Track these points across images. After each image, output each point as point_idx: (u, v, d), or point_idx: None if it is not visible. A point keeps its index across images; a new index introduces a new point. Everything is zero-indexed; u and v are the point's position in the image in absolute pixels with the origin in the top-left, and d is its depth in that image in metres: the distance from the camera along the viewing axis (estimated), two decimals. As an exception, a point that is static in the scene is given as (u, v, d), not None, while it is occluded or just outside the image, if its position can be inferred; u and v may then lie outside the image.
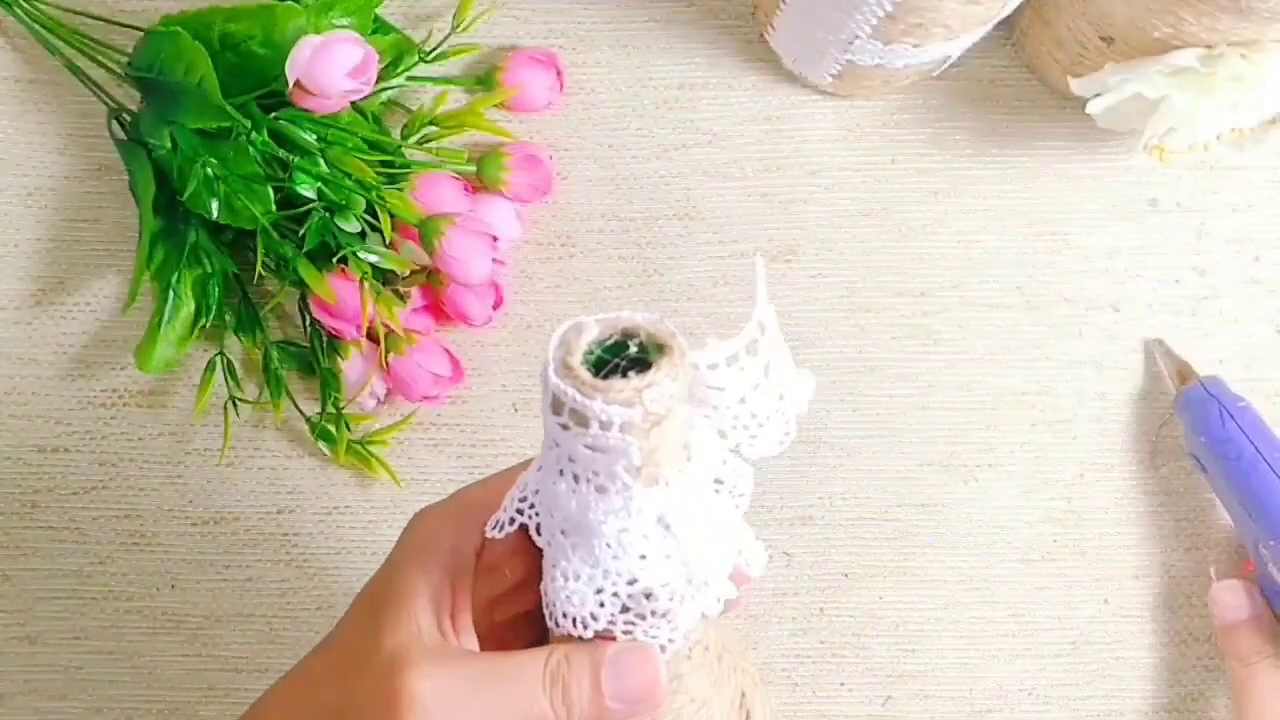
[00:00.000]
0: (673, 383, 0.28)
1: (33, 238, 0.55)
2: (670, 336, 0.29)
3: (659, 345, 0.29)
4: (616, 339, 0.29)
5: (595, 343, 0.29)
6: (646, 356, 0.29)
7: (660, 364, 0.28)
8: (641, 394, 0.28)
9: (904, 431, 0.54)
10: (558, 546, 0.31)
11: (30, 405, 0.54)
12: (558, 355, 0.28)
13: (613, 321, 0.29)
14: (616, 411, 0.27)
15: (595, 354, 0.29)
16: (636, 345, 0.29)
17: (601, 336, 0.29)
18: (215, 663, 0.53)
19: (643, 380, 0.28)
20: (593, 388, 0.28)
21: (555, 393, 0.28)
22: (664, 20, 0.56)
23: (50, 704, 0.53)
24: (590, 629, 0.32)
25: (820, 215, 0.55)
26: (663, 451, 0.29)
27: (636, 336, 0.29)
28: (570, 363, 0.28)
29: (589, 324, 0.29)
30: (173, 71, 0.49)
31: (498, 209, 0.53)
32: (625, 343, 0.29)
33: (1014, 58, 0.56)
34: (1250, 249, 0.55)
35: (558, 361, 0.28)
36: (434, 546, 0.35)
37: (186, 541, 0.54)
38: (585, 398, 0.27)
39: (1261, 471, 0.49)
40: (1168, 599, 0.54)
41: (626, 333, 0.29)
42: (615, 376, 0.28)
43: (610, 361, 0.29)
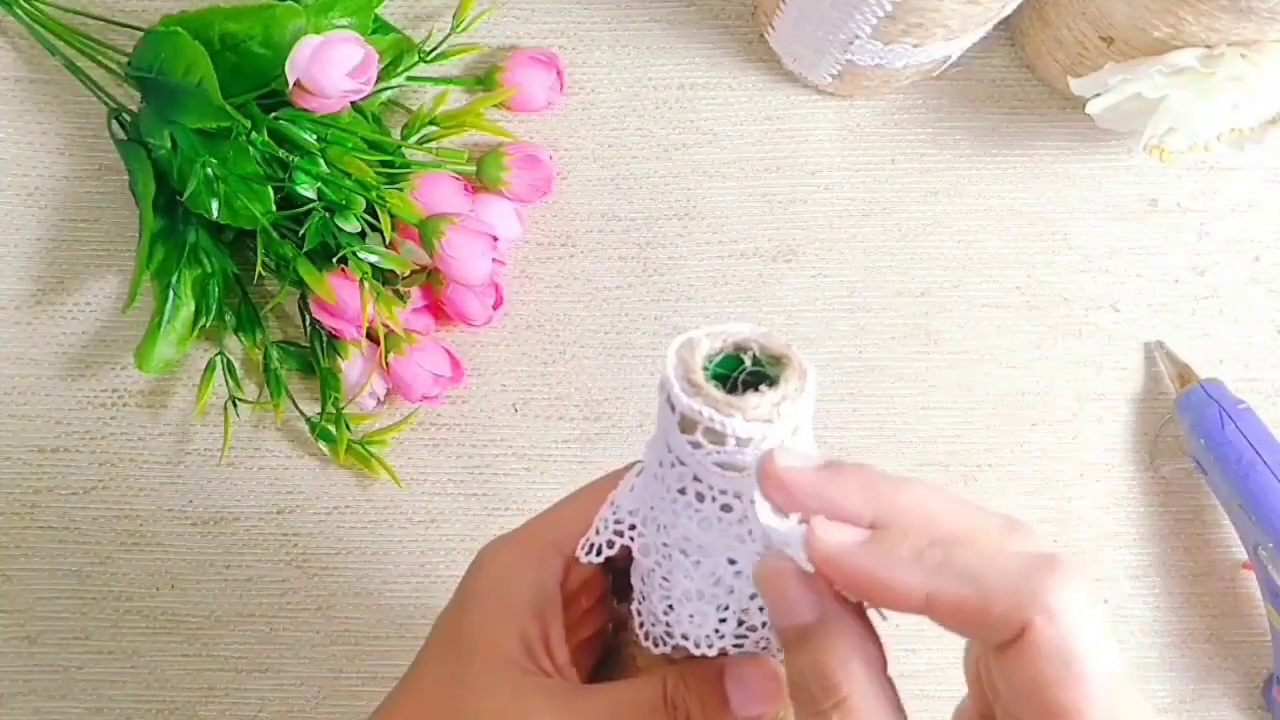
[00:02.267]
0: (800, 396, 0.28)
1: (33, 238, 0.55)
2: (786, 348, 0.28)
3: (774, 358, 0.28)
4: (729, 353, 0.29)
5: (708, 358, 0.28)
6: (763, 370, 0.28)
7: (787, 377, 0.28)
8: (779, 408, 0.27)
9: (904, 431, 0.54)
10: (676, 566, 0.30)
11: (30, 405, 0.54)
12: (680, 373, 0.28)
13: (723, 334, 0.28)
14: (757, 429, 0.27)
15: (711, 369, 0.28)
16: (751, 359, 0.28)
17: (713, 351, 0.28)
18: (215, 663, 0.53)
19: (777, 394, 0.27)
20: (729, 405, 0.27)
21: (687, 413, 0.27)
22: (664, 20, 0.56)
23: (50, 704, 0.53)
24: (715, 647, 0.31)
25: (820, 215, 0.55)
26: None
27: (749, 350, 0.28)
28: (696, 380, 0.27)
29: (700, 339, 0.28)
30: (173, 71, 0.49)
31: (498, 209, 0.53)
32: (739, 356, 0.29)
33: (1014, 58, 0.56)
34: (1250, 249, 0.55)
35: (682, 380, 0.28)
36: (515, 585, 0.33)
37: (186, 541, 0.54)
38: (724, 415, 0.27)
39: (1261, 474, 0.49)
40: (1168, 599, 0.54)
41: (739, 346, 0.28)
42: (737, 392, 0.28)
43: (728, 377, 0.28)
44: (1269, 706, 0.52)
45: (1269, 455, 0.49)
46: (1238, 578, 0.54)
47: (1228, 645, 0.54)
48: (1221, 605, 0.54)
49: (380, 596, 0.53)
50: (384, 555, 0.54)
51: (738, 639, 0.31)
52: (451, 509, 0.54)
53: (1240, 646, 0.54)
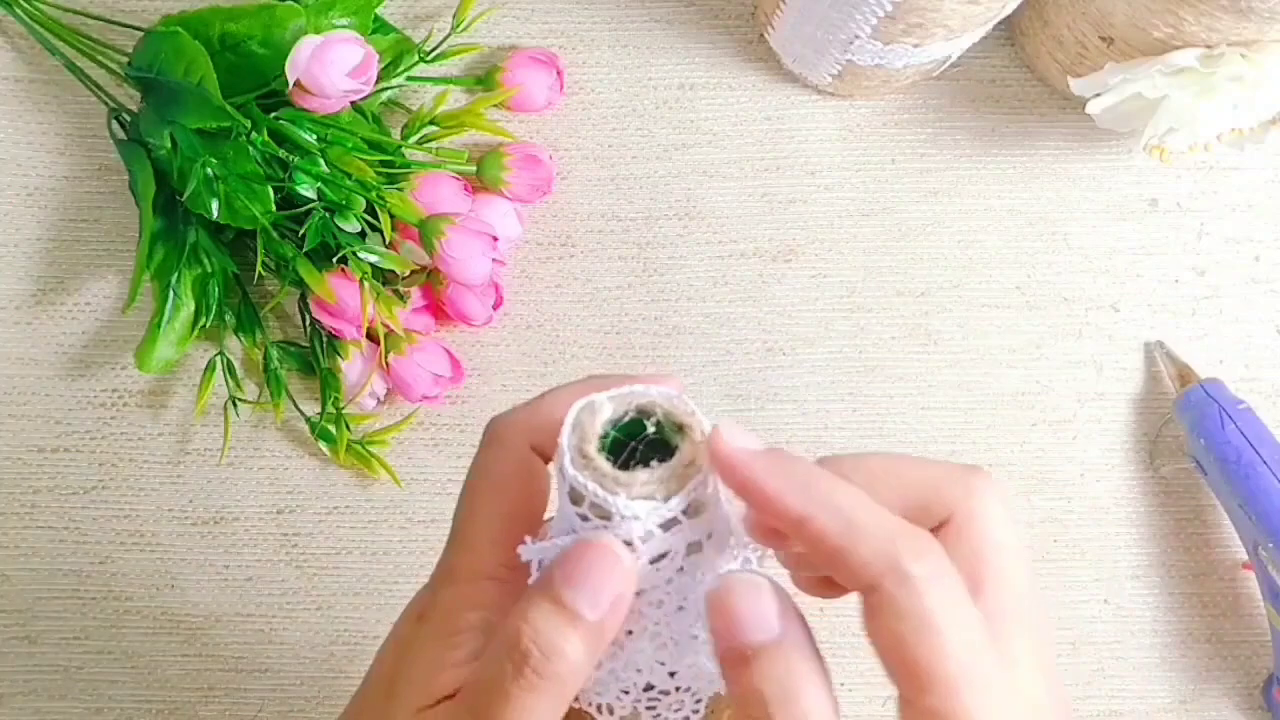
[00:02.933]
0: (695, 472, 0.26)
1: (33, 238, 0.55)
2: (688, 415, 0.27)
3: (677, 426, 0.27)
4: (632, 416, 0.27)
5: (609, 422, 0.27)
6: (663, 437, 0.27)
7: (685, 446, 0.26)
8: (667, 484, 0.26)
9: (904, 431, 0.54)
10: None
11: (30, 405, 0.54)
12: (573, 443, 0.26)
13: (627, 398, 0.27)
14: (641, 507, 0.26)
15: (611, 435, 0.27)
16: (654, 424, 0.27)
17: (616, 415, 0.27)
18: (215, 663, 0.53)
19: (666, 469, 0.26)
20: (615, 481, 0.26)
21: (574, 484, 0.26)
22: (664, 20, 0.56)
23: (50, 704, 0.53)
24: (616, 714, 0.29)
25: (820, 215, 0.55)
26: (685, 539, 0.27)
27: (653, 415, 0.27)
28: (587, 451, 0.26)
29: (603, 402, 0.27)
30: (173, 71, 0.49)
31: (498, 209, 0.53)
32: (641, 421, 0.27)
33: (1014, 58, 0.56)
34: (1250, 249, 0.55)
35: (574, 450, 0.26)
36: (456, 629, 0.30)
37: (186, 541, 0.54)
38: (608, 492, 0.26)
39: (1261, 474, 0.49)
40: (1168, 599, 0.54)
41: (641, 411, 0.27)
42: (635, 464, 0.27)
43: (627, 444, 0.27)
44: (1269, 706, 0.52)
45: (1269, 455, 0.49)
46: (1238, 578, 0.54)
47: (1228, 645, 0.54)
48: (1221, 605, 0.54)
49: (380, 596, 0.53)
50: (384, 555, 0.54)
51: (650, 702, 0.29)
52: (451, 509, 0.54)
53: (1240, 646, 0.54)
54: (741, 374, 0.54)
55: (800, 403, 0.54)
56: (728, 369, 0.55)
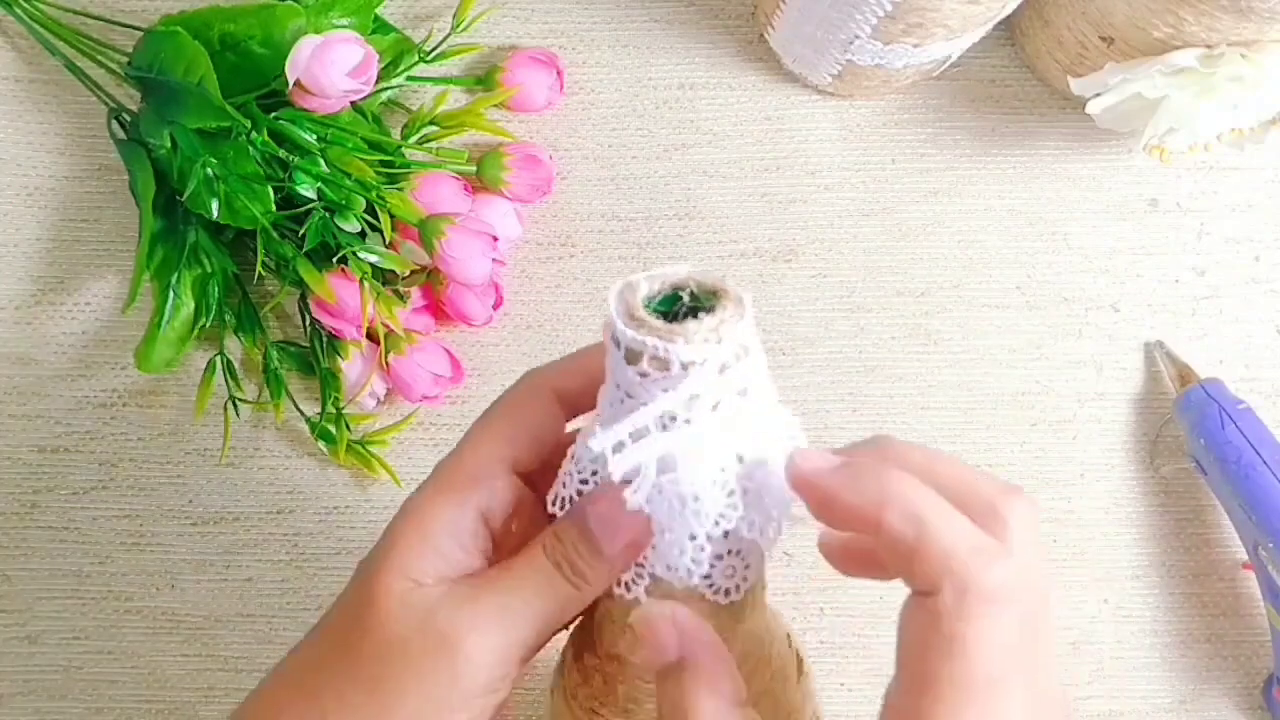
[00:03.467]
0: (740, 320, 0.29)
1: (33, 238, 0.55)
2: (720, 281, 0.30)
3: (710, 291, 0.30)
4: (666, 294, 0.30)
5: (646, 298, 0.30)
6: (700, 305, 0.30)
7: (724, 305, 0.29)
8: (718, 331, 0.29)
9: (904, 431, 0.54)
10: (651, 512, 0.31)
11: (30, 405, 0.54)
12: (621, 310, 0.29)
13: (660, 276, 0.30)
14: (699, 350, 0.28)
15: (652, 307, 0.30)
16: (689, 295, 0.30)
17: (651, 292, 0.30)
18: (215, 663, 0.53)
19: (715, 319, 0.29)
20: (670, 331, 0.28)
21: (632, 345, 0.29)
22: (664, 20, 0.56)
23: (50, 704, 0.53)
24: (695, 576, 0.31)
25: (820, 215, 0.55)
26: (735, 387, 0.30)
27: (686, 288, 0.30)
28: (639, 315, 0.29)
29: (639, 281, 0.30)
30: (173, 71, 0.49)
31: (498, 209, 0.53)
32: (677, 295, 0.30)
33: (1014, 58, 0.56)
34: (1250, 249, 0.55)
35: (624, 315, 0.29)
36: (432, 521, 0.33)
37: (186, 541, 0.54)
38: (666, 341, 0.28)
39: (1261, 474, 0.49)
40: (1168, 599, 0.54)
41: (675, 286, 0.30)
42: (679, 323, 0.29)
43: (668, 314, 0.30)
44: (1269, 706, 0.52)
45: (1269, 455, 0.49)
46: (1238, 578, 0.54)
47: (1228, 645, 0.54)
48: (1221, 605, 0.54)
49: (380, 596, 0.53)
50: (384, 555, 0.54)
51: (715, 559, 0.32)
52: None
53: (1240, 646, 0.54)
54: (741, 374, 0.54)
55: (800, 403, 0.54)
56: (728, 369, 0.54)
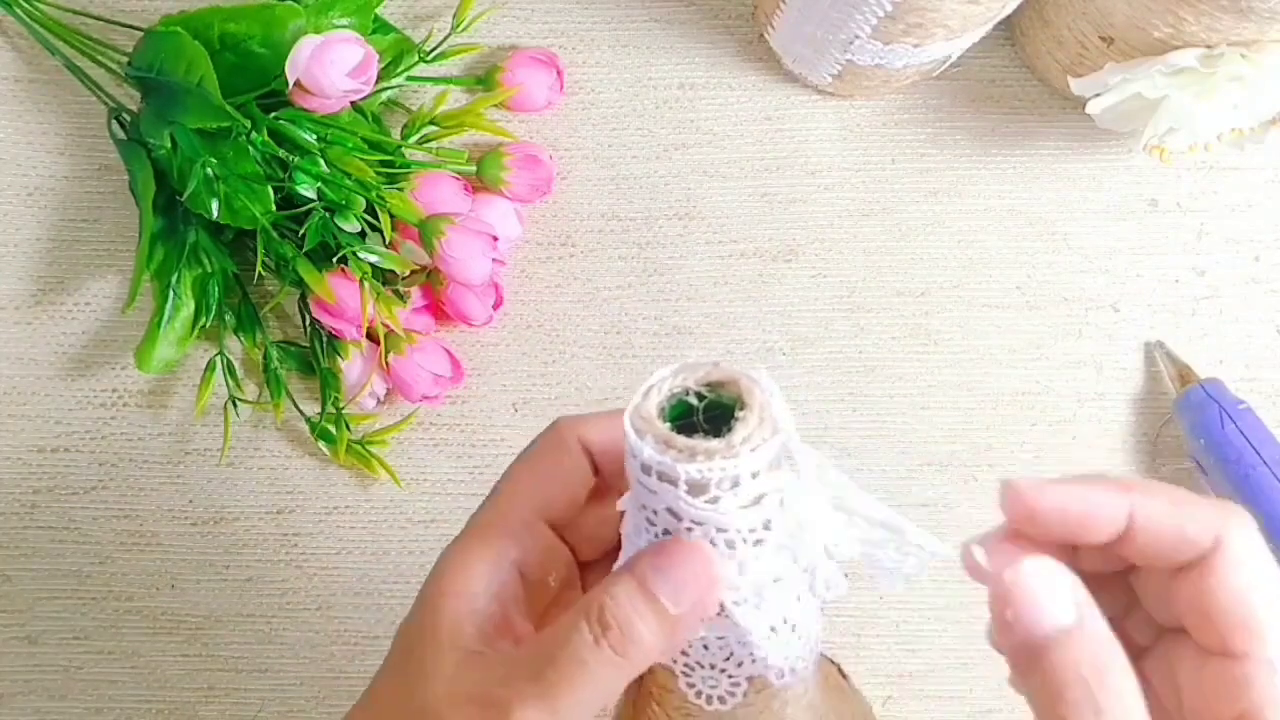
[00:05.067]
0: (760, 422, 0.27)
1: (33, 238, 0.55)
2: (749, 389, 0.27)
3: (738, 396, 0.27)
4: (695, 391, 0.28)
5: (669, 396, 0.28)
6: (720, 401, 0.28)
7: (747, 417, 0.27)
8: (736, 450, 0.26)
9: (904, 431, 0.54)
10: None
11: (30, 405, 0.54)
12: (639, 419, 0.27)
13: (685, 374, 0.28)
14: (718, 467, 0.26)
15: (674, 402, 0.28)
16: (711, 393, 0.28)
17: (676, 390, 0.28)
18: (215, 663, 0.53)
19: (735, 436, 0.26)
20: (687, 451, 0.26)
21: (649, 462, 0.26)
22: (664, 20, 0.56)
23: (50, 704, 0.53)
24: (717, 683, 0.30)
25: (820, 215, 0.55)
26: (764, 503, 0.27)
27: (717, 385, 0.28)
28: (659, 432, 0.27)
29: (663, 379, 0.28)
30: (173, 71, 0.49)
31: (498, 209, 0.53)
32: (703, 393, 0.28)
33: (1014, 58, 0.56)
34: (1250, 249, 0.55)
35: (650, 441, 0.27)
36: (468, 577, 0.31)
37: (186, 541, 0.54)
38: (678, 462, 0.26)
39: (1261, 474, 0.49)
40: (1168, 599, 0.54)
41: (706, 384, 0.28)
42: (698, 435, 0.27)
43: (687, 413, 0.28)
44: (1269, 706, 0.52)
45: (1269, 455, 0.49)
46: (1238, 578, 0.54)
47: (1228, 645, 0.54)
48: (1221, 605, 0.54)
49: (380, 596, 0.53)
50: (384, 555, 0.54)
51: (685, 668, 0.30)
52: (451, 509, 0.54)
53: (1240, 646, 0.54)
54: (741, 374, 0.54)
55: (800, 403, 0.54)
56: (728, 369, 0.54)
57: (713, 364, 0.28)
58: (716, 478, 0.26)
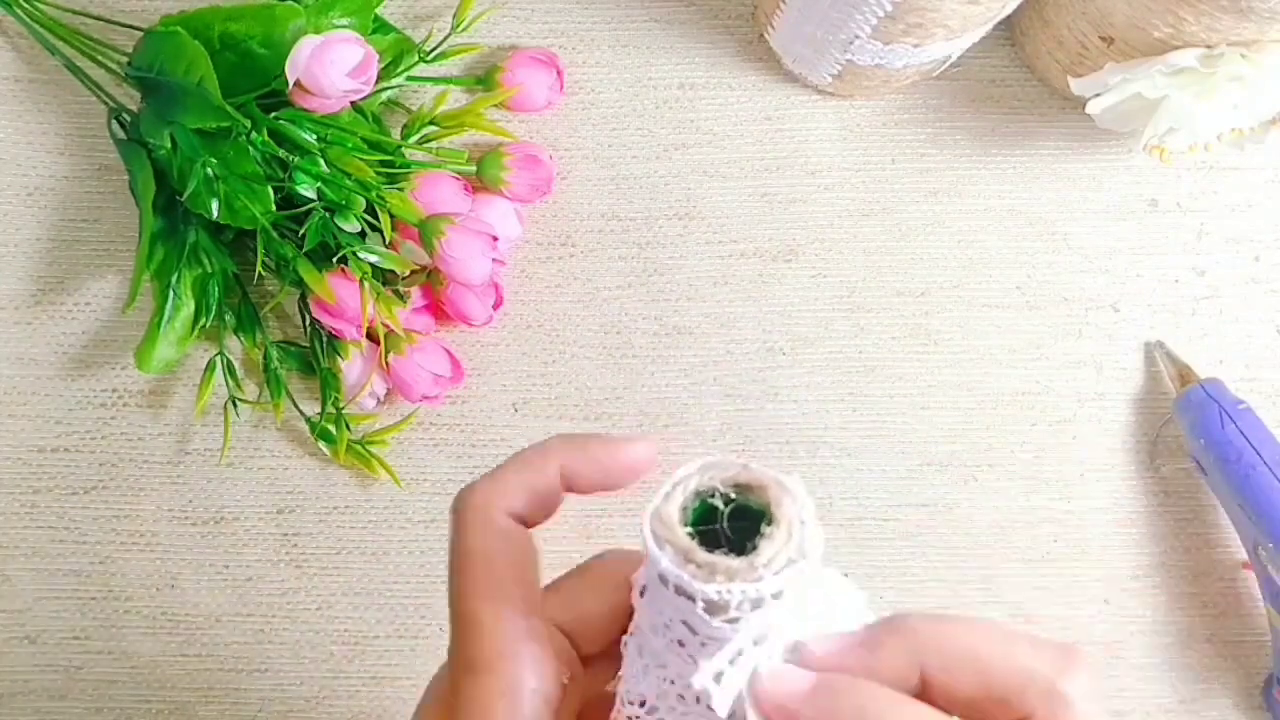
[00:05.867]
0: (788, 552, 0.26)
1: (33, 238, 0.55)
2: (779, 498, 0.26)
3: (766, 505, 0.26)
4: (721, 492, 0.27)
5: (694, 495, 0.26)
6: (749, 506, 0.26)
7: (774, 534, 0.26)
8: (759, 574, 0.25)
9: (904, 431, 0.54)
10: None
11: (30, 405, 0.54)
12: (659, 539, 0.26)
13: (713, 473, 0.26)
14: (739, 590, 0.25)
15: (698, 503, 0.26)
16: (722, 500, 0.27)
17: (702, 489, 0.26)
18: (215, 663, 0.53)
19: (759, 557, 0.25)
20: (708, 568, 0.25)
21: (666, 574, 0.25)
22: (664, 20, 0.56)
23: (50, 704, 0.53)
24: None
25: (820, 215, 0.55)
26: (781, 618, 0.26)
27: (714, 491, 0.26)
28: (680, 542, 0.25)
29: (689, 477, 0.26)
30: (173, 71, 0.49)
31: (498, 209, 0.53)
32: (730, 495, 0.27)
33: (1014, 58, 0.56)
34: (1250, 249, 0.55)
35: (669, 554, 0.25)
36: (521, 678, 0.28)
37: (186, 541, 0.54)
38: (695, 579, 0.25)
39: (1260, 474, 0.49)
40: (1168, 599, 0.54)
41: (734, 485, 0.27)
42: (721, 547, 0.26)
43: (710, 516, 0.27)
44: (1269, 706, 0.52)
45: (1269, 455, 0.49)
46: (1238, 578, 0.54)
47: (1228, 645, 0.54)
48: (1221, 605, 0.54)
49: (380, 596, 0.53)
50: (384, 555, 0.54)
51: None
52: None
53: (1240, 646, 0.54)
54: (741, 374, 0.54)
55: (800, 403, 0.54)
56: (728, 369, 0.54)
57: (743, 465, 0.26)
58: (737, 600, 0.25)
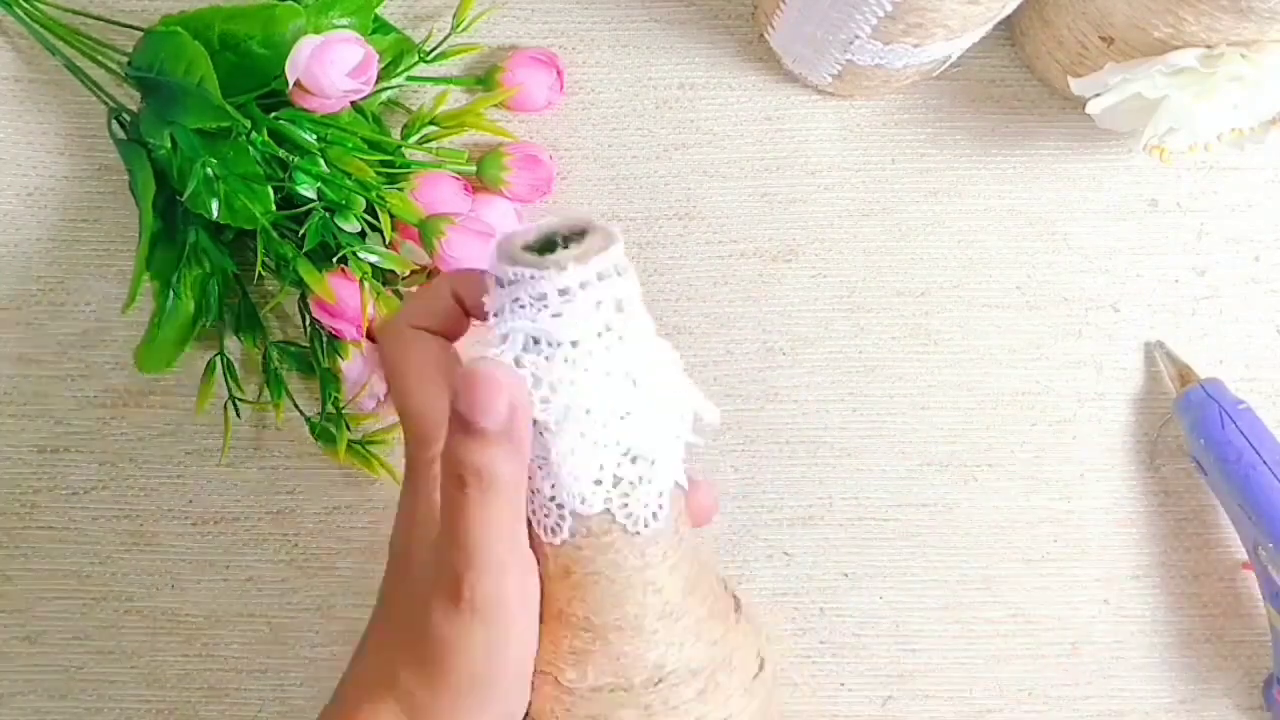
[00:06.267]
0: (606, 245, 0.32)
1: (33, 238, 0.55)
2: (588, 222, 0.33)
3: (580, 232, 0.33)
4: (542, 241, 0.33)
5: (524, 245, 0.33)
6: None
7: (589, 236, 0.32)
8: (587, 256, 0.31)
9: (904, 431, 0.54)
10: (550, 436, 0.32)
11: (30, 405, 0.54)
12: (502, 254, 0.32)
13: (535, 228, 0.33)
14: (575, 273, 0.31)
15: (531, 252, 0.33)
16: (561, 239, 0.33)
17: (526, 242, 0.33)
18: (215, 663, 0.53)
19: (581, 246, 0.32)
20: (542, 263, 0.31)
21: (511, 277, 0.32)
22: (664, 20, 0.56)
23: (50, 704, 0.53)
24: (590, 503, 0.33)
25: (820, 215, 0.55)
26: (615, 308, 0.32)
27: (558, 233, 0.33)
28: (516, 255, 0.32)
29: (517, 231, 0.33)
30: (173, 71, 0.49)
31: (498, 209, 0.53)
32: (553, 240, 0.33)
33: (1014, 58, 0.56)
34: (1250, 249, 0.55)
35: (506, 254, 0.32)
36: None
37: (186, 541, 0.54)
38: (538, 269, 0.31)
39: (1260, 474, 0.49)
40: (1168, 599, 0.54)
41: (549, 233, 0.33)
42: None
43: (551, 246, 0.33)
44: (1269, 706, 0.52)
45: (1269, 455, 0.49)
46: (1238, 578, 0.54)
47: (1228, 645, 0.54)
48: (1221, 605, 0.54)
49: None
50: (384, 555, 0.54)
51: (622, 499, 0.33)
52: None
53: (1240, 646, 0.54)
54: (741, 374, 0.54)
55: (800, 403, 0.54)
56: (728, 369, 0.55)
57: (583, 216, 0.33)
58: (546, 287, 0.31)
